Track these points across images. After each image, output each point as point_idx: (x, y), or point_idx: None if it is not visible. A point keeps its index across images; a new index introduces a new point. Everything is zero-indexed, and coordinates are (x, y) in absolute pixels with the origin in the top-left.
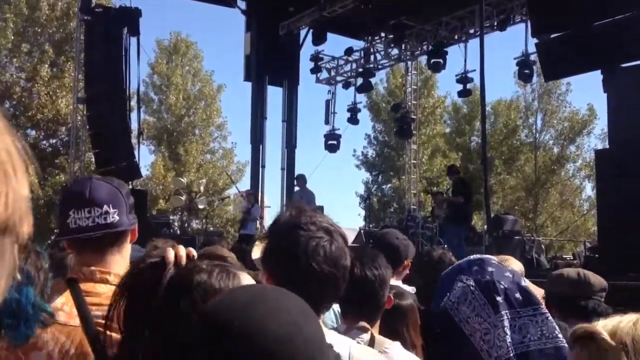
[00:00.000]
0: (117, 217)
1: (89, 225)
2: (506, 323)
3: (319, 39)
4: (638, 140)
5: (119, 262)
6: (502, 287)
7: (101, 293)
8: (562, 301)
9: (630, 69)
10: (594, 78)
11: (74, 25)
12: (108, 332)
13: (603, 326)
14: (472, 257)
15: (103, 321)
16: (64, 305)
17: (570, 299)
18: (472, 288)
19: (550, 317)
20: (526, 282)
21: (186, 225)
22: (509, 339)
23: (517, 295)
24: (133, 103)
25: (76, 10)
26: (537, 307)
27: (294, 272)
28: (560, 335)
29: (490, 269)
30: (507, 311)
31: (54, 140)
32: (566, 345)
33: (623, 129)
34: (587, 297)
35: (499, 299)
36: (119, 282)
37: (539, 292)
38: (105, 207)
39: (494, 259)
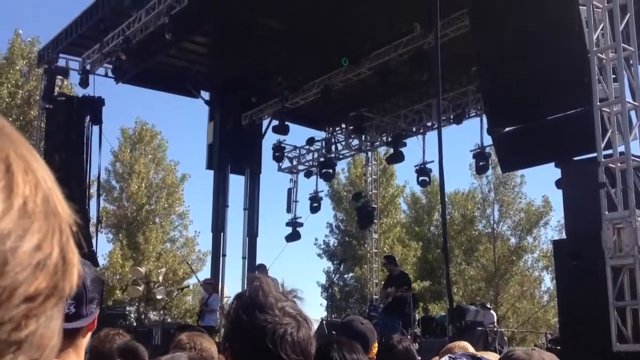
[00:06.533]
0: (72, 310)
1: None
2: None
3: (281, 130)
4: (594, 231)
5: (72, 358)
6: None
7: None
8: None
9: (583, 162)
10: (548, 171)
11: (34, 113)
12: None
13: None
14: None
15: None
16: None
17: None
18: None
19: None
20: None
21: (143, 316)
22: None
23: None
24: (93, 190)
25: (37, 99)
26: None
27: (260, 358)
28: None
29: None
30: None
31: None
32: None
33: (579, 220)
34: None
35: None
36: None
37: None
38: None
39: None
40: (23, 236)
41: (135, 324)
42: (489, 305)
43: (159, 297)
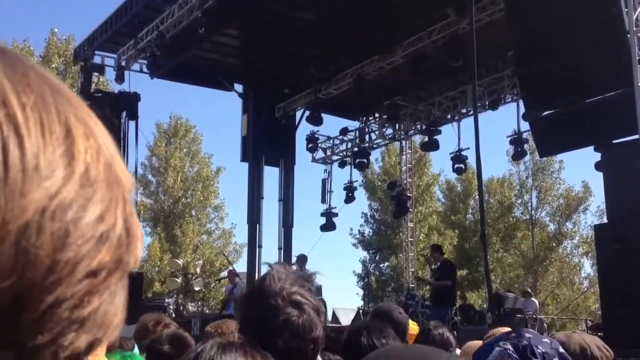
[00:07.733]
0: None
1: None
2: None
3: (314, 120)
4: (636, 215)
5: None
6: (539, 351)
7: None
8: None
9: (624, 145)
10: (587, 156)
11: None
12: None
13: None
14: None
15: None
16: None
17: None
18: (509, 351)
19: None
20: (564, 352)
21: (182, 307)
22: None
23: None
24: None
25: None
26: None
27: (264, 344)
28: None
29: (528, 335)
30: None
31: None
32: None
33: (620, 203)
34: None
35: None
36: None
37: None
38: None
39: (530, 330)
40: (85, 206)
41: (174, 315)
42: (531, 293)
43: (196, 288)
